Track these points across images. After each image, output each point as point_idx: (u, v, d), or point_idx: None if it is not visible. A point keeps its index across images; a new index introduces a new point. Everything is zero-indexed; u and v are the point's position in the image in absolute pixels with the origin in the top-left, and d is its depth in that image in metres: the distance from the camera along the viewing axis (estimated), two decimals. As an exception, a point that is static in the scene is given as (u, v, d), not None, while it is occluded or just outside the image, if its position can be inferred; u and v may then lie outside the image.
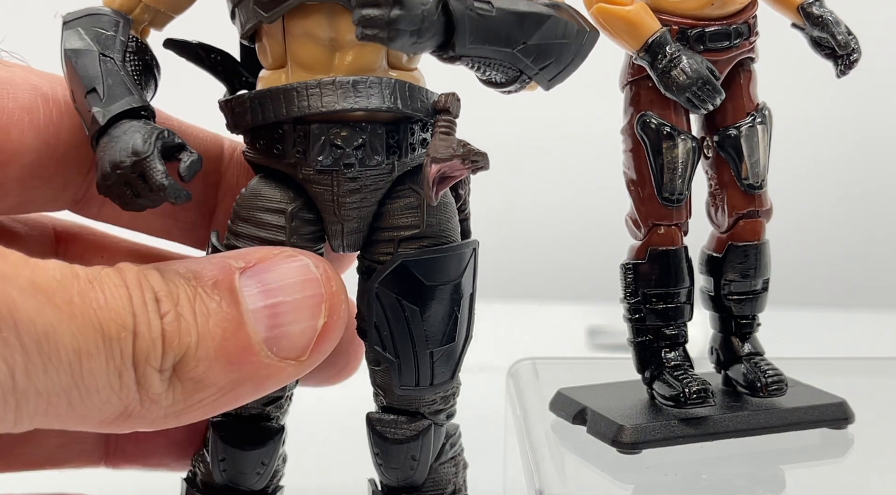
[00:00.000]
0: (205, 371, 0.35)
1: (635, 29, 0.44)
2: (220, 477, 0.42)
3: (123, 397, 0.34)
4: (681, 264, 0.46)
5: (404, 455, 0.43)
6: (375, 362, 0.42)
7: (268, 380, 0.37)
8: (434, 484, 0.43)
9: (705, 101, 0.44)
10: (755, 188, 0.46)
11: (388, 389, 0.42)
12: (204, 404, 0.36)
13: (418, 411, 0.42)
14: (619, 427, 0.44)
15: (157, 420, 0.36)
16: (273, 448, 0.43)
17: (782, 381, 0.46)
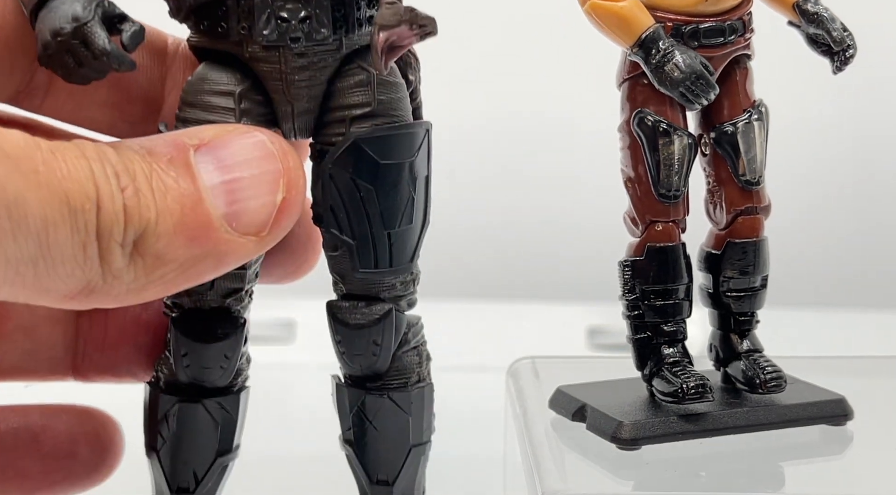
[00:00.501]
0: (165, 246, 0.35)
1: (628, 25, 0.44)
2: (183, 375, 0.42)
3: (87, 270, 0.34)
4: (679, 261, 0.46)
5: (366, 340, 0.42)
6: (333, 247, 0.41)
7: (228, 256, 0.36)
8: (398, 372, 0.43)
9: (699, 95, 0.44)
10: (752, 184, 0.46)
11: (347, 275, 0.42)
12: (165, 280, 0.36)
13: (378, 296, 0.42)
14: (618, 423, 0.44)
15: (119, 295, 0.35)
16: (235, 340, 0.42)
17: (781, 378, 0.46)
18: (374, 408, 0.43)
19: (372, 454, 0.43)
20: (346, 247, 0.41)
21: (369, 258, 0.41)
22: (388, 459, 0.43)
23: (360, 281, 0.42)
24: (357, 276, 0.41)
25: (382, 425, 0.43)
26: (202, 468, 0.43)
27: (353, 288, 0.42)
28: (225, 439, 0.43)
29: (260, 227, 0.37)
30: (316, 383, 0.70)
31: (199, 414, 0.42)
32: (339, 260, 0.42)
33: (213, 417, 0.42)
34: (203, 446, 0.43)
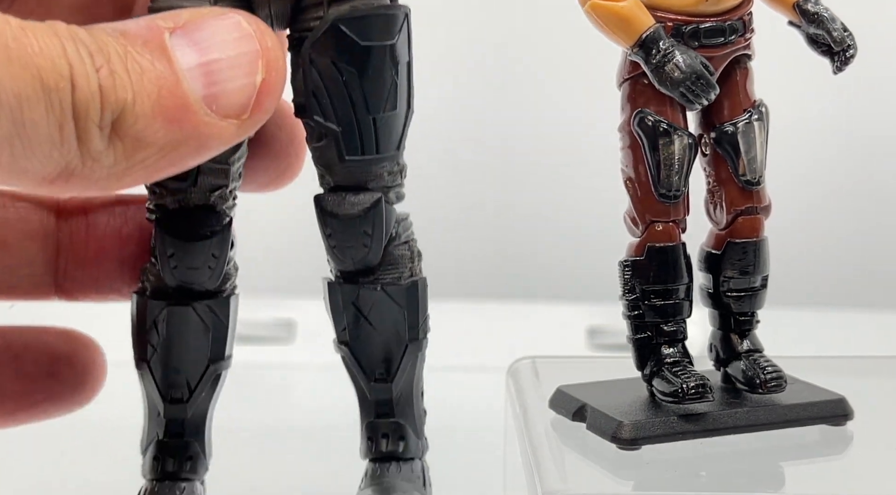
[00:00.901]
0: (144, 128, 0.35)
1: (628, 25, 0.44)
2: (171, 278, 0.41)
3: (65, 152, 0.34)
4: (679, 260, 0.46)
5: (357, 230, 0.42)
6: (318, 137, 0.41)
7: (210, 140, 0.36)
8: (390, 266, 0.43)
9: (699, 95, 0.44)
10: (753, 184, 0.46)
11: (334, 165, 0.41)
12: (146, 164, 0.35)
13: (366, 186, 0.42)
14: (618, 423, 0.44)
15: (100, 180, 0.35)
16: (222, 239, 0.42)
17: (781, 378, 0.46)
18: (369, 302, 0.42)
19: (368, 350, 0.43)
20: (331, 134, 0.40)
21: (355, 144, 0.41)
22: (384, 355, 0.43)
23: (347, 170, 0.41)
24: (344, 165, 0.41)
25: (378, 319, 0.42)
26: (195, 375, 0.42)
27: (341, 178, 0.42)
28: (216, 345, 0.42)
29: (240, 110, 0.36)
30: (316, 383, 0.71)
31: (189, 318, 0.42)
32: (324, 150, 0.41)
33: (204, 320, 0.42)
34: (195, 351, 0.42)
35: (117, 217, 0.45)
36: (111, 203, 0.45)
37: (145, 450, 0.43)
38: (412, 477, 0.43)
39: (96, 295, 0.46)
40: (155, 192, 0.42)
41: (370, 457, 0.44)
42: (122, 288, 0.45)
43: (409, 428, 0.44)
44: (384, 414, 0.43)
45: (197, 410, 0.43)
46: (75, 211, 0.45)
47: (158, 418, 0.43)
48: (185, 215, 0.41)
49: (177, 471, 0.43)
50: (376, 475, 0.43)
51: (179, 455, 0.43)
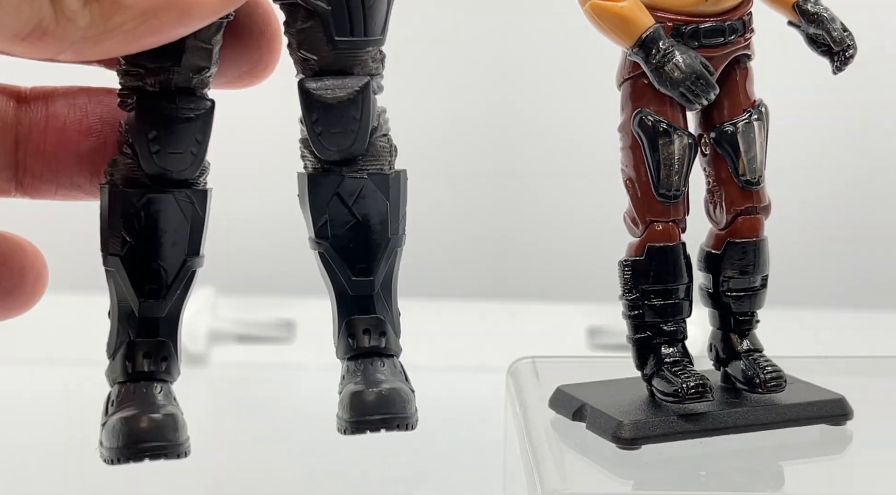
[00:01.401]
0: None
1: (628, 25, 0.44)
2: (150, 164, 0.40)
3: (35, 7, 0.33)
4: (679, 260, 0.46)
5: (346, 115, 0.41)
6: (304, 18, 0.40)
7: (193, 8, 0.35)
8: (373, 157, 0.42)
9: (699, 95, 0.44)
10: (753, 184, 0.46)
11: (320, 48, 0.41)
12: (125, 29, 0.35)
13: (351, 71, 0.41)
14: (618, 423, 0.44)
15: (75, 42, 0.34)
16: (206, 122, 0.40)
17: (781, 378, 0.46)
18: (354, 191, 0.41)
19: (352, 243, 0.42)
20: (321, 14, 0.40)
21: (345, 24, 0.40)
22: (367, 248, 0.42)
23: (335, 54, 0.41)
24: (332, 48, 0.40)
25: (363, 210, 0.41)
26: (172, 269, 0.40)
27: (326, 63, 0.41)
28: (194, 238, 0.41)
29: None
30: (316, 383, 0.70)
31: (169, 206, 0.40)
32: (311, 32, 0.40)
33: (183, 211, 0.40)
34: (173, 243, 0.40)
35: (78, 109, 0.44)
36: (73, 93, 0.44)
37: (114, 354, 0.41)
38: (396, 372, 0.42)
39: (57, 190, 0.44)
40: (131, 74, 0.40)
41: (350, 355, 0.42)
42: (83, 183, 0.44)
43: (388, 325, 0.42)
44: (364, 310, 0.42)
45: (171, 308, 0.41)
46: (36, 100, 0.44)
47: (131, 317, 0.40)
48: (168, 96, 0.40)
49: (153, 371, 0.40)
50: (360, 370, 0.41)
51: (154, 354, 0.40)
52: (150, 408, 0.39)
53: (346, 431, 0.40)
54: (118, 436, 0.39)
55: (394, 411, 0.40)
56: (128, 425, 0.39)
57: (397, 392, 0.40)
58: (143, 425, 0.39)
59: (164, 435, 0.39)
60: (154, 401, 0.40)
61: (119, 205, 0.40)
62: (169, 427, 0.39)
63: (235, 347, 0.77)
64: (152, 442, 0.39)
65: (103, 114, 0.43)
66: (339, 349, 0.43)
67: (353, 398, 0.40)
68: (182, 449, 0.39)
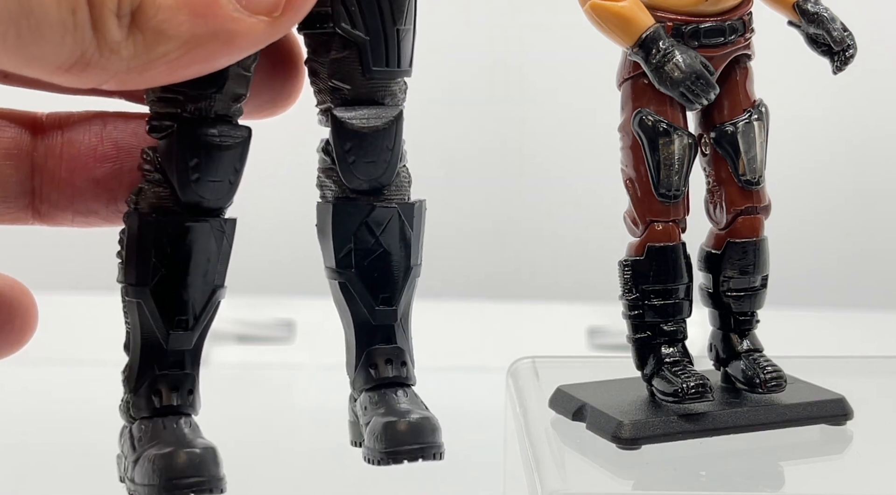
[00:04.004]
0: (166, 20, 0.33)
1: (628, 24, 0.44)
2: (189, 191, 0.39)
3: (79, 39, 0.33)
4: (679, 260, 0.46)
5: (381, 144, 0.41)
6: (340, 47, 0.40)
7: (238, 37, 0.35)
8: (397, 187, 0.42)
9: (699, 95, 0.44)
10: (753, 184, 0.46)
11: (354, 78, 0.40)
12: (168, 58, 0.34)
13: (382, 102, 0.41)
14: (618, 423, 0.44)
15: (119, 72, 0.34)
16: (244, 150, 0.40)
17: (781, 378, 0.46)
18: (383, 221, 0.41)
19: (376, 273, 0.41)
20: (358, 44, 0.40)
21: (381, 55, 0.40)
22: (391, 277, 0.41)
23: (368, 83, 0.40)
24: (368, 77, 0.40)
25: (389, 240, 0.41)
26: (201, 300, 0.39)
27: (359, 93, 0.41)
28: (221, 270, 0.40)
29: (272, 6, 0.35)
30: (316, 383, 0.71)
31: (205, 234, 0.39)
32: (345, 61, 0.40)
33: (216, 240, 0.39)
34: (205, 273, 0.39)
35: (93, 134, 0.43)
36: (88, 118, 0.44)
37: (136, 388, 0.39)
38: (417, 402, 0.41)
39: (74, 217, 0.44)
40: (165, 100, 0.39)
41: (371, 385, 0.41)
42: (99, 209, 0.43)
43: (408, 354, 0.42)
44: (386, 340, 0.42)
45: (198, 340, 0.40)
46: (51, 128, 0.43)
47: (157, 349, 0.39)
48: (208, 124, 0.39)
49: (180, 405, 0.39)
50: (384, 400, 0.41)
51: (181, 387, 0.39)
52: (184, 443, 0.38)
53: (381, 462, 0.40)
54: (156, 474, 0.38)
55: (427, 440, 0.40)
56: (164, 461, 0.38)
57: (428, 421, 0.40)
58: (181, 461, 0.38)
59: (205, 469, 0.38)
60: (185, 436, 0.39)
61: (152, 233, 0.39)
62: (209, 461, 0.38)
63: (235, 347, 0.78)
64: (193, 477, 0.38)
65: (119, 139, 0.43)
66: (358, 379, 0.42)
67: (386, 429, 0.40)
68: (222, 483, 0.38)
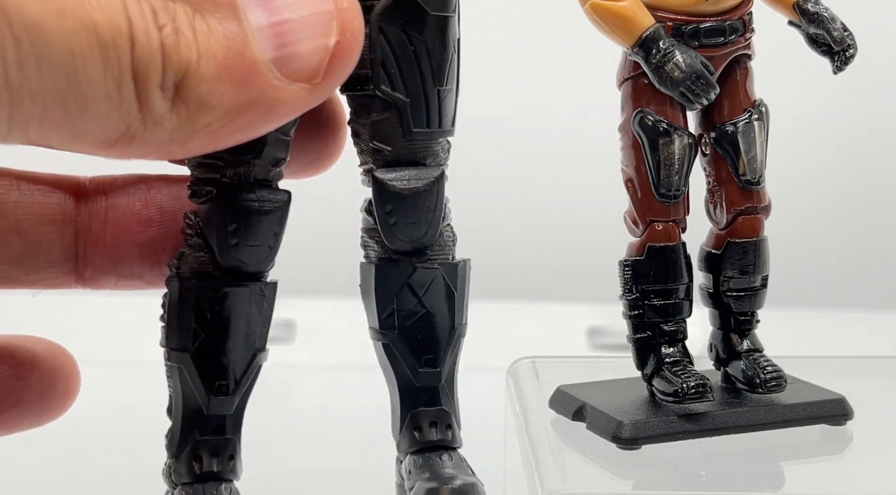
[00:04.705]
0: (208, 91, 0.34)
1: (629, 24, 0.44)
2: (228, 256, 0.39)
3: (124, 113, 0.33)
4: (679, 260, 0.46)
5: (422, 205, 0.41)
6: (381, 109, 0.40)
7: (279, 105, 0.35)
8: (440, 247, 0.42)
9: (699, 95, 0.44)
10: (753, 184, 0.46)
11: (395, 140, 0.40)
12: (211, 129, 0.34)
13: (424, 162, 0.41)
14: (618, 423, 0.44)
15: (162, 145, 0.34)
16: (283, 215, 0.40)
17: (781, 377, 0.46)
18: (425, 282, 0.41)
19: (420, 334, 0.41)
20: (398, 106, 0.40)
21: (422, 116, 0.40)
22: (435, 339, 0.41)
23: (409, 145, 0.40)
24: (409, 139, 0.40)
25: (432, 301, 0.41)
26: (242, 365, 0.40)
27: (400, 154, 0.41)
28: (262, 333, 0.40)
29: (312, 74, 0.35)
30: (316, 383, 0.70)
31: (244, 299, 0.39)
32: (386, 123, 0.40)
33: (256, 304, 0.40)
34: (245, 337, 0.40)
35: (137, 199, 0.43)
36: (133, 182, 0.44)
37: (177, 454, 0.40)
38: (464, 466, 0.42)
39: (118, 281, 0.44)
40: (206, 165, 0.39)
41: (416, 448, 0.42)
42: (143, 273, 0.43)
43: (453, 417, 0.42)
44: (431, 402, 0.42)
45: (238, 405, 0.40)
46: (95, 193, 0.44)
47: (198, 415, 0.39)
48: (247, 189, 0.39)
49: (220, 471, 0.40)
50: (428, 464, 0.41)
51: (222, 453, 0.40)
52: None
53: None
54: None
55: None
56: None
57: (472, 487, 0.40)
58: None
59: None
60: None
61: (192, 298, 0.39)
62: None
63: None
64: None
65: (163, 203, 0.43)
66: (403, 442, 0.42)
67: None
68: None
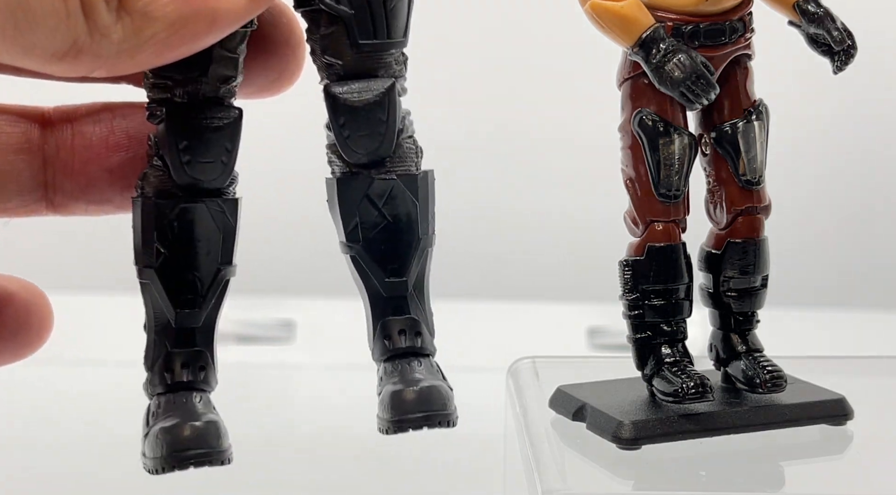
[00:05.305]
0: (151, 2, 0.35)
1: (629, 24, 0.44)
2: (181, 174, 0.40)
3: (71, 26, 0.35)
4: (679, 260, 0.46)
5: (374, 117, 0.41)
6: (328, 23, 0.41)
7: (220, 15, 0.37)
8: (400, 159, 0.42)
9: (699, 95, 0.44)
10: (753, 184, 0.46)
11: (344, 52, 0.41)
12: (157, 40, 0.36)
13: (376, 74, 0.42)
14: (618, 423, 0.45)
15: (110, 57, 0.36)
16: (235, 130, 0.41)
17: (781, 378, 0.46)
18: (383, 193, 0.42)
19: (384, 245, 0.42)
20: (344, 19, 0.41)
21: (368, 28, 0.41)
22: (399, 249, 0.42)
23: (359, 57, 0.41)
24: (356, 51, 0.41)
25: (392, 211, 0.42)
26: (207, 279, 0.41)
27: (351, 67, 0.42)
28: (226, 247, 0.41)
29: None
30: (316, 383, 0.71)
31: (202, 215, 0.41)
32: (334, 37, 0.41)
33: (215, 220, 0.41)
34: (206, 252, 0.41)
35: (104, 125, 0.44)
36: (97, 110, 0.45)
37: (152, 366, 0.41)
38: (433, 371, 0.42)
39: (87, 206, 0.45)
40: (159, 86, 0.41)
41: (387, 356, 0.42)
42: (113, 197, 0.44)
43: (423, 324, 0.43)
44: (399, 311, 0.43)
45: (207, 318, 0.41)
46: (60, 121, 0.45)
47: (167, 328, 0.41)
48: (197, 107, 0.41)
49: (192, 381, 0.41)
50: (397, 371, 0.42)
51: (192, 364, 0.41)
52: (190, 417, 0.40)
53: (388, 431, 0.41)
54: (161, 446, 0.39)
55: (434, 408, 0.41)
56: (170, 434, 0.39)
57: (437, 389, 0.41)
58: (185, 433, 0.39)
59: (207, 442, 0.39)
60: (194, 410, 0.40)
61: (152, 216, 0.40)
62: (211, 434, 0.39)
63: (235, 347, 0.78)
64: (195, 449, 0.39)
65: (129, 128, 0.44)
66: (375, 351, 0.43)
67: (393, 397, 0.41)
68: (225, 455, 0.40)
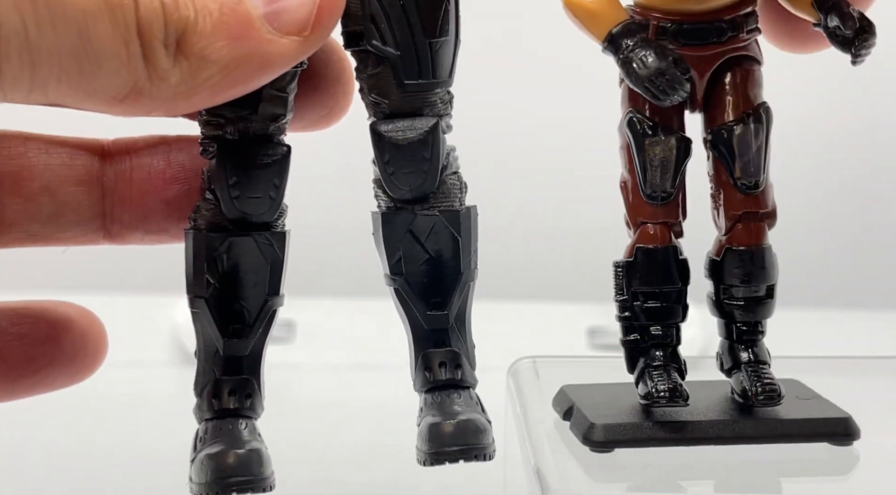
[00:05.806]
0: (207, 46, 0.37)
1: (598, 20, 0.44)
2: (231, 209, 0.42)
3: (132, 69, 0.36)
4: (668, 263, 0.45)
5: (418, 155, 0.43)
6: (374, 64, 0.42)
7: (272, 57, 0.38)
8: (444, 195, 0.44)
9: (665, 92, 0.43)
10: (750, 188, 0.45)
11: (390, 92, 0.43)
12: (212, 82, 0.38)
13: (421, 112, 0.43)
14: (590, 425, 0.44)
15: (167, 99, 0.38)
16: (282, 167, 0.43)
17: (774, 392, 0.45)
18: (426, 228, 0.43)
19: (426, 279, 0.43)
20: (390, 60, 0.42)
21: (413, 69, 0.42)
22: (440, 283, 0.43)
23: (404, 97, 0.42)
24: (402, 91, 0.42)
25: (435, 246, 0.43)
26: (254, 309, 0.43)
27: (396, 106, 0.43)
28: (273, 280, 0.43)
29: (301, 26, 0.38)
30: (316, 383, 0.70)
31: (250, 248, 0.42)
32: (381, 77, 0.42)
33: (263, 252, 0.42)
34: (254, 284, 0.42)
35: (161, 157, 0.46)
36: (155, 143, 0.47)
37: (201, 392, 0.43)
38: (472, 403, 0.43)
39: (144, 236, 0.47)
40: (211, 123, 0.42)
41: (427, 387, 0.44)
42: (169, 228, 0.46)
43: (463, 357, 0.44)
44: (440, 343, 0.44)
45: (254, 347, 0.43)
46: (119, 153, 0.46)
47: (216, 356, 0.43)
48: (246, 144, 0.42)
49: (237, 409, 0.43)
50: (436, 402, 0.43)
51: (239, 392, 0.43)
52: (235, 444, 0.41)
53: (426, 463, 0.42)
54: (206, 472, 0.41)
55: (471, 442, 0.42)
56: (215, 461, 0.41)
57: (473, 423, 0.42)
58: (229, 461, 0.41)
59: (250, 469, 0.41)
60: (239, 437, 0.42)
61: (203, 248, 0.42)
62: (254, 461, 0.41)
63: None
64: (239, 476, 0.41)
65: (185, 161, 0.46)
66: (417, 382, 0.44)
67: (431, 430, 0.42)
68: (267, 482, 0.41)
